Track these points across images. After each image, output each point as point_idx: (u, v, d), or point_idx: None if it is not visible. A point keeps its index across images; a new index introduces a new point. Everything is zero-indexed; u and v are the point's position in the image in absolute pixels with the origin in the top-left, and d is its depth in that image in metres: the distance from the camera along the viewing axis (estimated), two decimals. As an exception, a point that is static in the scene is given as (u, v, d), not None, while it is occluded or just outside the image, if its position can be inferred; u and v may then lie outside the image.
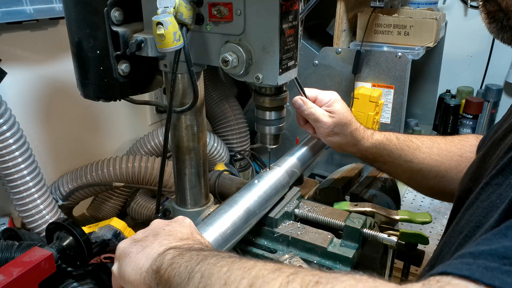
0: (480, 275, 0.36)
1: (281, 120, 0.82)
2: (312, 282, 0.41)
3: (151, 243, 0.59)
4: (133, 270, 0.56)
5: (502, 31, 0.64)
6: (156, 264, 0.54)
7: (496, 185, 0.52)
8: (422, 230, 0.98)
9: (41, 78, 1.27)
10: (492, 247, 0.39)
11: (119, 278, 0.59)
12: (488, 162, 0.64)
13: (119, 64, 0.78)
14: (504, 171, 0.52)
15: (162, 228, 0.62)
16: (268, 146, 0.85)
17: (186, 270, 0.50)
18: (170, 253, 0.55)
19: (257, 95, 0.79)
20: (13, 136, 1.06)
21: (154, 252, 0.57)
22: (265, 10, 0.66)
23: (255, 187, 0.83)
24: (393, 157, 0.97)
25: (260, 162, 1.87)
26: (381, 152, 0.97)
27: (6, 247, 0.88)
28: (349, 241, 0.82)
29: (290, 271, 0.44)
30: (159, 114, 1.73)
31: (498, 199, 0.50)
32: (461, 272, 0.37)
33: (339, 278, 0.41)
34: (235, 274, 0.46)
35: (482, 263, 0.37)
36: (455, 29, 2.17)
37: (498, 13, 0.63)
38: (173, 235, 0.60)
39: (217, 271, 0.47)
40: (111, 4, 0.74)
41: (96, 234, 1.02)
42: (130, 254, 0.58)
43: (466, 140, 0.98)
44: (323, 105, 0.95)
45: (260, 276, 0.44)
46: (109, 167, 1.31)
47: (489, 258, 0.38)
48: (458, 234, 0.56)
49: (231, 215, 0.75)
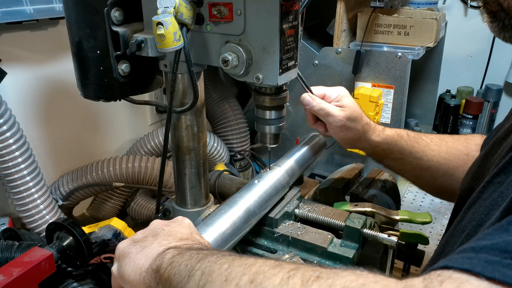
0: (481, 268, 0.36)
1: (281, 119, 0.82)
2: (313, 277, 0.41)
3: (150, 243, 0.59)
4: (133, 270, 0.56)
5: (504, 30, 0.64)
6: (156, 264, 0.54)
7: (498, 184, 0.52)
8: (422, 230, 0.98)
9: (41, 78, 1.27)
10: (494, 242, 0.39)
11: (118, 278, 0.59)
12: (490, 161, 0.64)
13: (119, 64, 0.78)
14: (506, 169, 0.52)
15: (161, 229, 0.62)
16: (268, 145, 0.85)
17: (186, 268, 0.50)
18: (169, 252, 0.55)
19: (257, 94, 0.79)
20: (13, 136, 1.06)
21: (154, 252, 0.57)
22: (265, 10, 0.66)
23: (255, 187, 0.83)
24: (404, 153, 0.95)
25: (260, 162, 1.87)
26: (392, 148, 0.95)
27: (6, 247, 0.88)
28: (349, 241, 0.82)
29: (290, 267, 0.44)
30: (159, 114, 1.73)
31: (500, 197, 0.50)
32: (462, 266, 0.37)
33: (339, 273, 0.41)
34: (236, 270, 0.46)
35: (483, 257, 0.37)
36: (455, 29, 2.17)
37: (500, 13, 0.63)
38: (173, 235, 0.60)
39: (218, 268, 0.47)
40: (111, 4, 0.74)
41: (96, 234, 1.02)
42: (130, 255, 0.58)
43: (472, 139, 0.97)
44: (331, 101, 0.93)
45: (261, 272, 0.44)
46: (109, 167, 1.31)
47: (490, 252, 0.38)
48: (461, 233, 0.56)
49: (231, 215, 0.75)
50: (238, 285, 0.44)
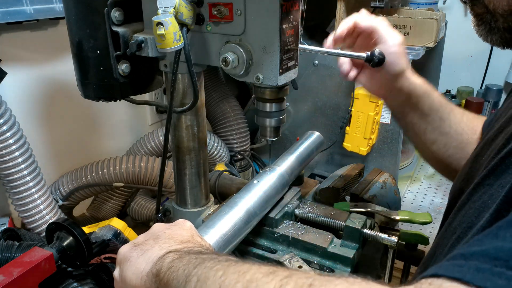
0: (472, 276, 0.36)
1: (282, 112, 0.82)
2: (306, 285, 0.41)
3: (151, 247, 0.59)
4: (134, 274, 0.57)
5: (491, 33, 0.64)
6: (156, 268, 0.55)
7: (488, 186, 0.52)
8: (422, 230, 0.98)
9: (41, 78, 1.27)
10: (483, 248, 0.39)
11: (121, 283, 0.60)
12: (480, 162, 0.64)
13: (119, 64, 0.78)
14: (495, 171, 0.52)
15: (162, 232, 0.62)
16: (268, 138, 0.85)
17: (184, 273, 0.50)
18: (169, 256, 0.55)
19: (257, 87, 0.79)
20: (13, 136, 1.06)
21: (155, 255, 0.57)
22: (265, 10, 0.66)
23: (254, 187, 0.83)
24: (432, 110, 0.89)
25: (260, 162, 1.87)
26: (424, 99, 0.88)
27: (6, 247, 0.88)
28: (349, 241, 0.82)
29: (284, 274, 0.44)
30: (159, 114, 1.73)
31: (490, 199, 0.50)
32: (452, 274, 0.37)
33: (332, 281, 0.41)
34: (229, 278, 0.46)
35: (474, 265, 0.37)
36: (455, 29, 2.17)
37: (486, 15, 0.63)
38: (174, 238, 0.61)
39: (213, 275, 0.47)
40: (111, 4, 0.74)
41: (96, 234, 1.02)
42: (131, 259, 0.59)
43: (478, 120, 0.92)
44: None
45: (254, 280, 0.44)
46: (109, 167, 1.31)
47: (480, 259, 0.38)
48: (451, 235, 0.56)
49: (232, 216, 0.75)
50: None
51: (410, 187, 1.86)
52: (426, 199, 1.76)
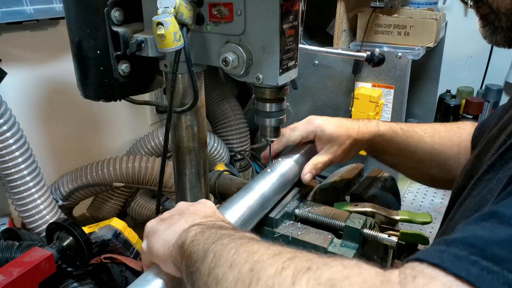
0: (449, 264, 0.36)
1: (282, 112, 0.82)
2: (304, 269, 0.42)
3: (177, 221, 0.63)
4: (161, 245, 0.60)
5: (495, 34, 0.65)
6: (181, 240, 0.58)
7: (487, 181, 0.53)
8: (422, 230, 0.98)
9: (41, 78, 1.27)
10: (463, 235, 0.39)
11: (148, 253, 0.63)
12: (482, 160, 0.64)
13: (119, 64, 0.78)
14: (494, 166, 0.53)
15: (187, 208, 0.67)
16: (268, 138, 0.85)
17: (203, 248, 0.53)
18: (193, 229, 0.58)
19: (257, 87, 0.79)
20: (13, 136, 1.06)
21: (180, 228, 0.60)
22: (265, 10, 0.66)
23: (268, 175, 0.85)
24: (399, 149, 0.97)
25: (260, 162, 1.87)
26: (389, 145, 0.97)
27: (6, 247, 0.88)
28: (349, 241, 0.82)
29: (287, 256, 0.46)
30: (159, 114, 1.73)
31: (489, 194, 0.51)
32: (433, 260, 0.37)
33: (329, 264, 0.42)
34: (240, 257, 0.48)
35: (453, 251, 0.37)
36: (455, 29, 2.17)
37: (490, 15, 0.64)
38: (197, 213, 0.64)
39: (226, 253, 0.50)
40: (111, 4, 0.74)
41: (96, 234, 1.02)
42: (159, 231, 0.62)
43: (464, 128, 0.99)
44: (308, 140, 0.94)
45: (260, 261, 0.46)
46: (109, 167, 1.31)
47: (460, 246, 0.38)
48: (451, 230, 0.57)
49: (248, 200, 0.77)
50: (240, 273, 0.46)
51: (410, 187, 1.86)
52: (426, 199, 1.76)
